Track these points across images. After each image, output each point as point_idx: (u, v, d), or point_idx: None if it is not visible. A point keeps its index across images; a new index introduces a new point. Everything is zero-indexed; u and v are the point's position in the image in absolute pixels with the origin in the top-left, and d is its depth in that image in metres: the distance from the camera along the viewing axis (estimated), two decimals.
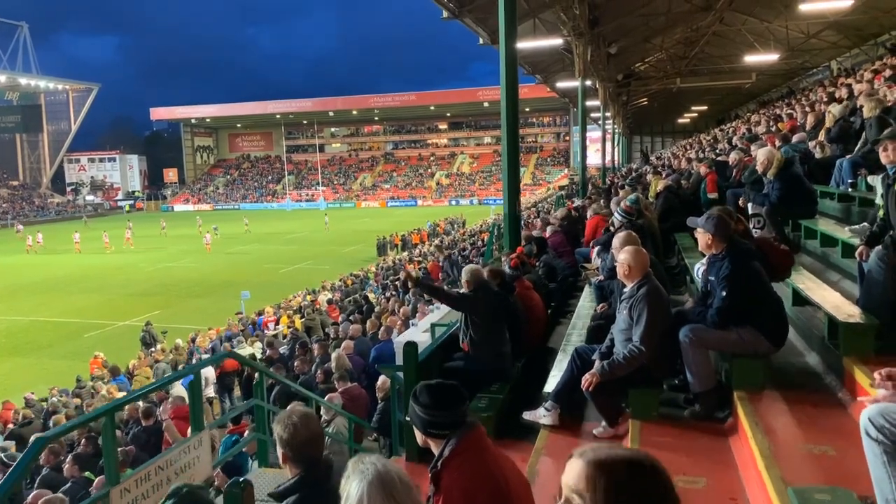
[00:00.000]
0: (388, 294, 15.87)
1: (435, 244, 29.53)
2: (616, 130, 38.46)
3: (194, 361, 14.83)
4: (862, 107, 8.31)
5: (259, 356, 12.02)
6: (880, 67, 14.98)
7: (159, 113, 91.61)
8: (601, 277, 6.37)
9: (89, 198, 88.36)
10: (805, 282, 4.76)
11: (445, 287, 5.68)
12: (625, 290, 4.17)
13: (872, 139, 6.23)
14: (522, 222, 11.22)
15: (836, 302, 4.04)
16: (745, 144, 11.15)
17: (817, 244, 6.26)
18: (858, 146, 7.76)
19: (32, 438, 3.69)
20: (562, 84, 27.82)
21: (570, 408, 4.39)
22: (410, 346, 4.63)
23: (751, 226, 7.12)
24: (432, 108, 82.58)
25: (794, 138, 9.71)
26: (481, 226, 34.95)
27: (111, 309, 25.24)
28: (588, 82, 22.42)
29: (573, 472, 1.23)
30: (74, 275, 33.86)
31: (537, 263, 7.84)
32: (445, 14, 14.65)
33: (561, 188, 36.69)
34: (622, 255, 4.17)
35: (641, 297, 3.95)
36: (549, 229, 9.39)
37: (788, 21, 23.24)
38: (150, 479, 3.85)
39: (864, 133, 7.57)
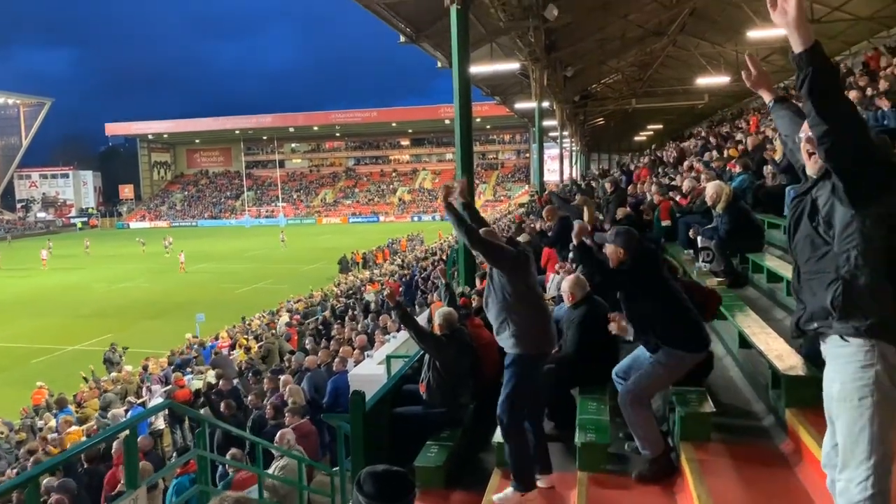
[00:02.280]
0: (347, 318, 15.67)
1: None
2: (574, 148, 39.03)
3: (145, 391, 14.39)
4: None
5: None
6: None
7: (115, 128, 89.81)
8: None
9: (41, 215, 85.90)
10: (750, 325, 4.80)
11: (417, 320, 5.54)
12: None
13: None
14: None
15: (780, 350, 4.08)
16: (698, 171, 11.35)
17: (764, 279, 6.37)
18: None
19: None
20: (520, 105, 28.12)
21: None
22: (357, 396, 4.52)
23: (700, 259, 7.25)
24: (394, 124, 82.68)
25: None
26: (441, 243, 34.93)
27: (61, 332, 24.42)
28: (545, 104, 22.70)
29: None
30: (23, 297, 32.74)
31: None
32: (402, 39, 14.68)
33: (521, 205, 36.95)
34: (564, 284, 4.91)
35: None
36: None
37: (738, 45, 23.95)
38: None
39: None
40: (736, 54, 25.65)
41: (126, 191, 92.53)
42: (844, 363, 2.19)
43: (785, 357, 3.92)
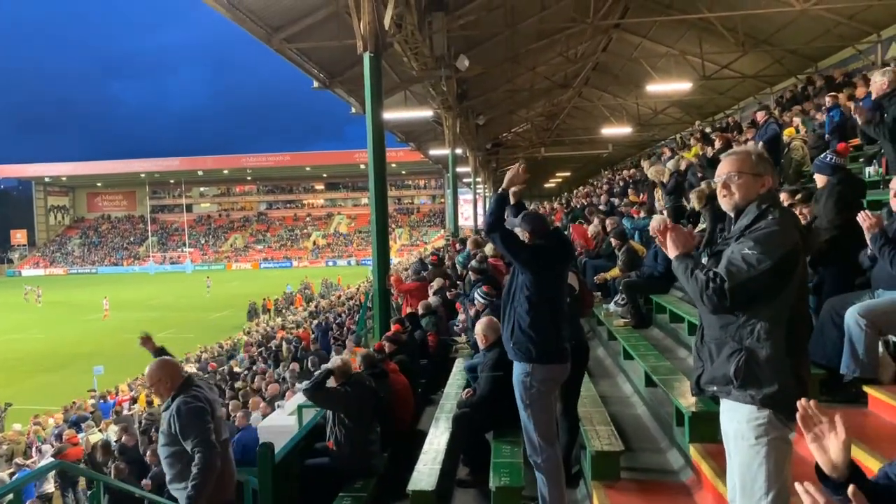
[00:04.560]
0: (255, 368, 15.13)
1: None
2: (487, 194, 39.96)
3: (34, 451, 13.29)
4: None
5: (113, 442, 10.96)
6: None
7: (7, 170, 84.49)
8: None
9: None
10: (655, 364, 4.98)
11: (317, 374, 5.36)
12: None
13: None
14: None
15: (683, 388, 4.24)
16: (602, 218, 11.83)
17: (667, 318, 6.65)
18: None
19: None
20: (434, 151, 28.61)
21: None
22: (264, 448, 4.34)
23: (613, 301, 7.50)
24: (308, 168, 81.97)
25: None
26: (358, 288, 34.56)
27: None
28: (458, 150, 23.20)
29: None
30: None
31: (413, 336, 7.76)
32: (316, 84, 14.71)
33: (435, 251, 37.21)
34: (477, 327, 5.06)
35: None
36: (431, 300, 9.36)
37: (639, 99, 25.46)
38: None
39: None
40: (637, 106, 27.26)
41: (18, 236, 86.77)
42: (740, 407, 2.30)
43: (687, 395, 4.07)
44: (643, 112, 27.99)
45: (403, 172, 77.81)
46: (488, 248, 8.95)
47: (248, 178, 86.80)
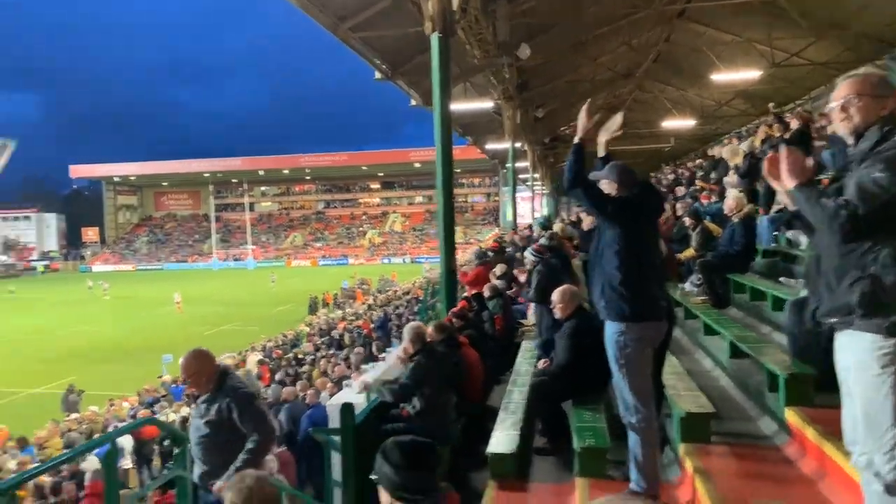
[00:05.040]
0: (321, 354, 15.40)
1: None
2: (544, 191, 39.56)
3: (111, 430, 13.85)
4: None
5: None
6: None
7: (80, 170, 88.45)
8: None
9: (1, 258, 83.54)
10: (741, 336, 4.83)
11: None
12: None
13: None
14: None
15: (774, 355, 4.09)
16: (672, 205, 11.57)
17: (747, 297, 6.43)
18: (774, 206, 8.15)
19: None
20: (491, 146, 28.50)
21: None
22: (346, 408, 4.39)
23: (689, 281, 7.31)
24: (364, 168, 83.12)
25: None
26: (413, 283, 34.77)
27: (21, 376, 23.55)
28: (517, 144, 23.07)
29: None
30: None
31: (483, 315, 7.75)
32: (378, 75, 14.83)
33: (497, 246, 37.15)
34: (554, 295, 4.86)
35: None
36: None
37: (702, 90, 24.77)
38: None
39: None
40: (700, 99, 26.54)
41: (90, 233, 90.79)
42: (863, 337, 2.18)
43: (780, 360, 3.92)
44: (706, 104, 27.22)
45: (458, 171, 77.96)
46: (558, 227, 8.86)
47: (307, 177, 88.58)
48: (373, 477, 2.21)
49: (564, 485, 3.95)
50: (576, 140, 3.65)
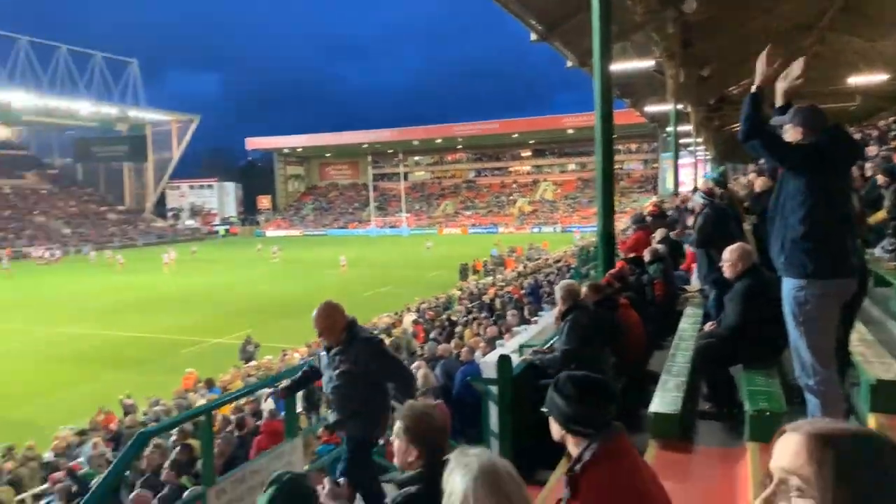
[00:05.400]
0: (472, 316, 15.74)
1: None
2: (707, 157, 37.18)
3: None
4: None
5: None
6: None
7: (255, 143, 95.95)
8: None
9: (189, 223, 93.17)
10: None
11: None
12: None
13: None
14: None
15: None
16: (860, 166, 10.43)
17: None
18: None
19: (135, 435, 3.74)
20: (651, 108, 27.18)
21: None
22: (504, 360, 4.46)
23: (878, 247, 6.60)
24: (515, 135, 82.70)
25: None
26: (564, 252, 34.35)
27: (205, 327, 26.29)
28: (680, 106, 21.83)
29: (789, 449, 1.03)
30: (174, 294, 35.58)
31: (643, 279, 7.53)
32: (534, 37, 14.59)
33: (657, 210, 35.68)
34: (726, 253, 4.56)
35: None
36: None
37: None
38: (244, 482, 3.84)
39: None
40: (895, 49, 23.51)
41: (264, 201, 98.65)
42: None
43: None
44: None
45: (614, 136, 75.25)
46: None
47: (459, 146, 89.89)
48: (544, 409, 2.23)
49: (732, 449, 3.76)
50: (753, 88, 3.38)
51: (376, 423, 4.05)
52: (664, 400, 4.21)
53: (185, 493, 4.92)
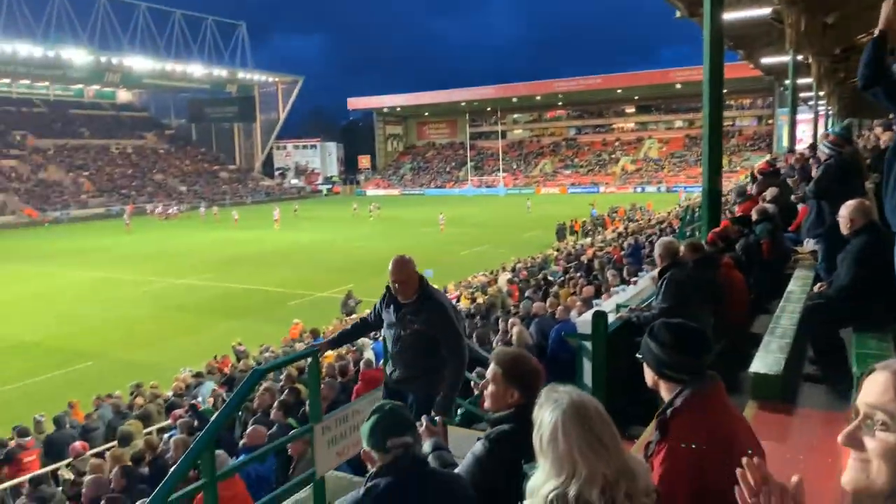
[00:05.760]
0: (569, 276, 15.62)
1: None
2: (829, 112, 34.51)
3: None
4: None
5: None
6: None
7: (356, 102, 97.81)
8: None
9: (294, 182, 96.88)
10: None
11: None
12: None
13: None
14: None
15: None
16: None
17: None
18: None
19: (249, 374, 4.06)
20: (767, 60, 25.42)
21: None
22: (599, 315, 4.46)
23: None
24: (619, 91, 79.75)
25: None
26: (669, 213, 33.19)
27: (309, 281, 27.54)
28: (799, 57, 20.31)
29: (877, 386, 1.05)
30: (281, 249, 37.38)
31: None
32: None
33: (768, 167, 33.69)
34: (843, 210, 4.26)
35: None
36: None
37: None
38: (347, 421, 4.09)
39: None
40: None
41: (363, 161, 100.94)
42: None
43: None
44: None
45: (724, 91, 71.23)
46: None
47: (559, 102, 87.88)
48: (638, 356, 2.26)
49: (836, 413, 3.62)
50: (876, 31, 3.13)
51: (440, 380, 4.06)
52: (766, 361, 4.08)
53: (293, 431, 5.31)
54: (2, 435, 10.63)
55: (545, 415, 1.70)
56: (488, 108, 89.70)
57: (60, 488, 7.85)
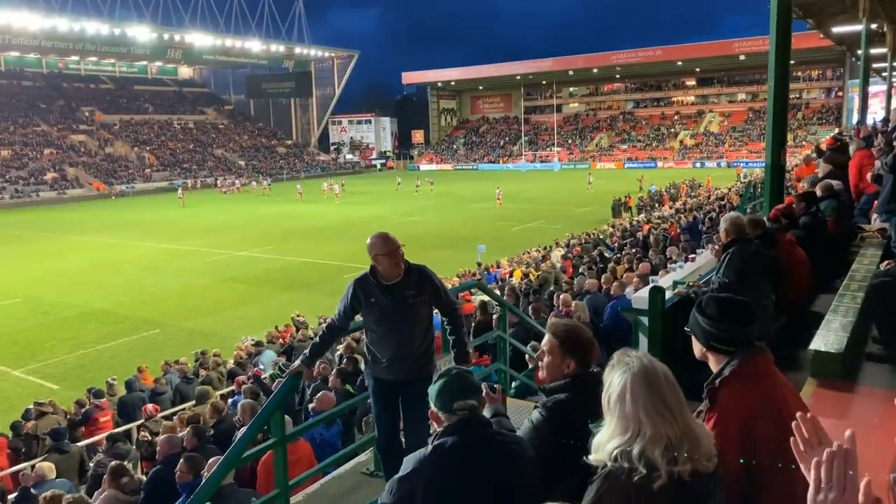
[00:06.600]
0: (624, 252, 15.43)
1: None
2: None
3: None
4: None
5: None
6: None
7: (410, 77, 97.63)
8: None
9: (349, 156, 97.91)
10: None
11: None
12: None
13: None
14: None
15: None
16: None
17: None
18: None
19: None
20: (838, 29, 24.24)
21: None
22: (656, 290, 4.45)
23: None
24: (679, 63, 77.29)
25: None
26: (730, 189, 32.24)
27: (365, 255, 27.84)
28: (873, 25, 19.31)
29: None
30: (336, 223, 38.00)
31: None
32: None
33: (834, 143, 32.30)
34: None
35: None
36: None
37: None
38: None
39: None
40: None
41: (417, 136, 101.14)
42: None
43: None
44: None
45: (791, 62, 68.34)
46: None
47: (617, 75, 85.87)
48: (687, 329, 2.29)
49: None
50: None
51: (432, 360, 4.09)
52: (827, 339, 4.02)
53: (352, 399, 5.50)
54: (78, 395, 11.34)
55: (615, 376, 1.78)
56: (543, 82, 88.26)
57: (134, 447, 8.33)
